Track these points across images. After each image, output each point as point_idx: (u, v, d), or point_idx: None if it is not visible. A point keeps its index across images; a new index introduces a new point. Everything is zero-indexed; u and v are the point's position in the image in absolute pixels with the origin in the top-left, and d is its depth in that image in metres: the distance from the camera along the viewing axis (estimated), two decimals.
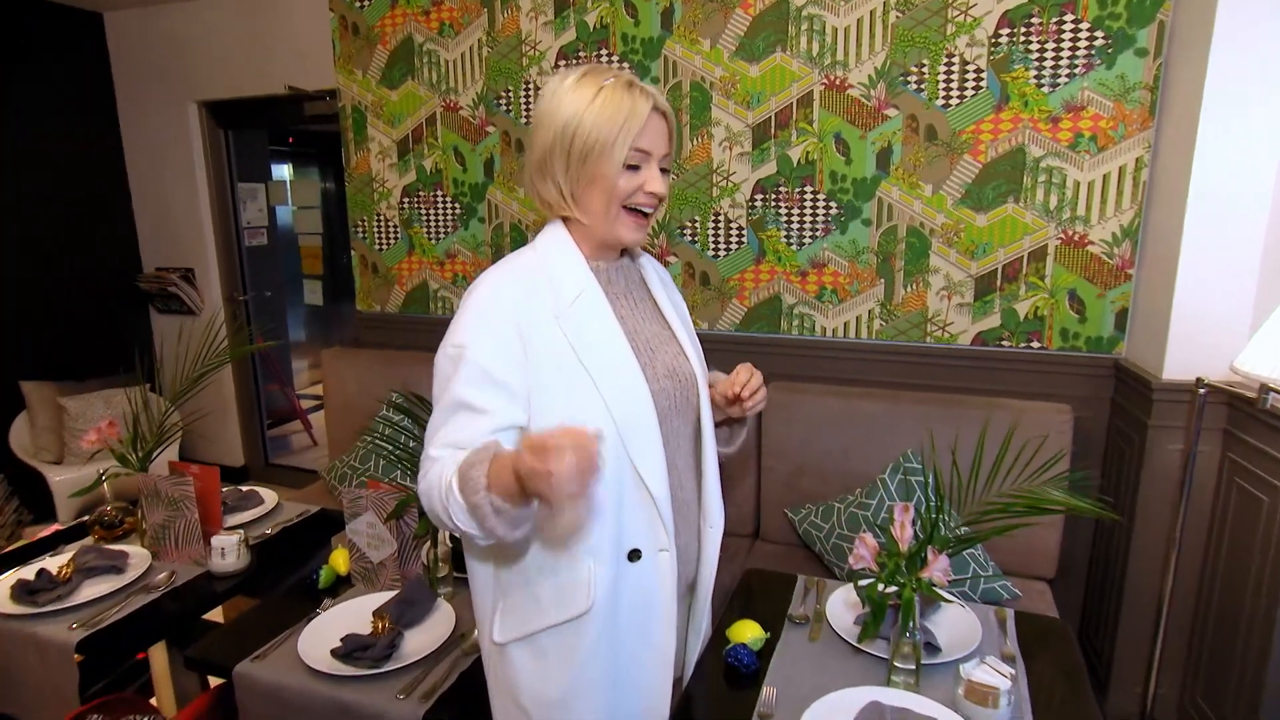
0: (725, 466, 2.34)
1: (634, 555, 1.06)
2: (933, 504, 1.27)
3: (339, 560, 1.65)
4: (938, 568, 1.09)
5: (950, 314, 2.30)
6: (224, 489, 2.01)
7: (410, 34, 2.79)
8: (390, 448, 1.72)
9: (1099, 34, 2.02)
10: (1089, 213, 2.12)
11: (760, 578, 1.60)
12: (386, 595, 1.52)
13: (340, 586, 1.64)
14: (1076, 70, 2.05)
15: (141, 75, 3.74)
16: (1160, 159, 2.01)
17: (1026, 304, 2.22)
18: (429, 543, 1.57)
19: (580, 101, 1.00)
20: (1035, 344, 2.24)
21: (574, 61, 2.57)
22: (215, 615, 1.92)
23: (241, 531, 1.68)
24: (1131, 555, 2.06)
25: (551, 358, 1.01)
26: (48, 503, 3.18)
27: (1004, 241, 2.20)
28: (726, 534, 2.39)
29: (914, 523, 1.14)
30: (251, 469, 4.20)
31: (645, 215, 1.06)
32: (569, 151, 1.02)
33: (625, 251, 1.18)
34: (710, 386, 1.20)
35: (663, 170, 1.06)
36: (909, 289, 2.33)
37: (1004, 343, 2.26)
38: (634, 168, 1.02)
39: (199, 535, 1.66)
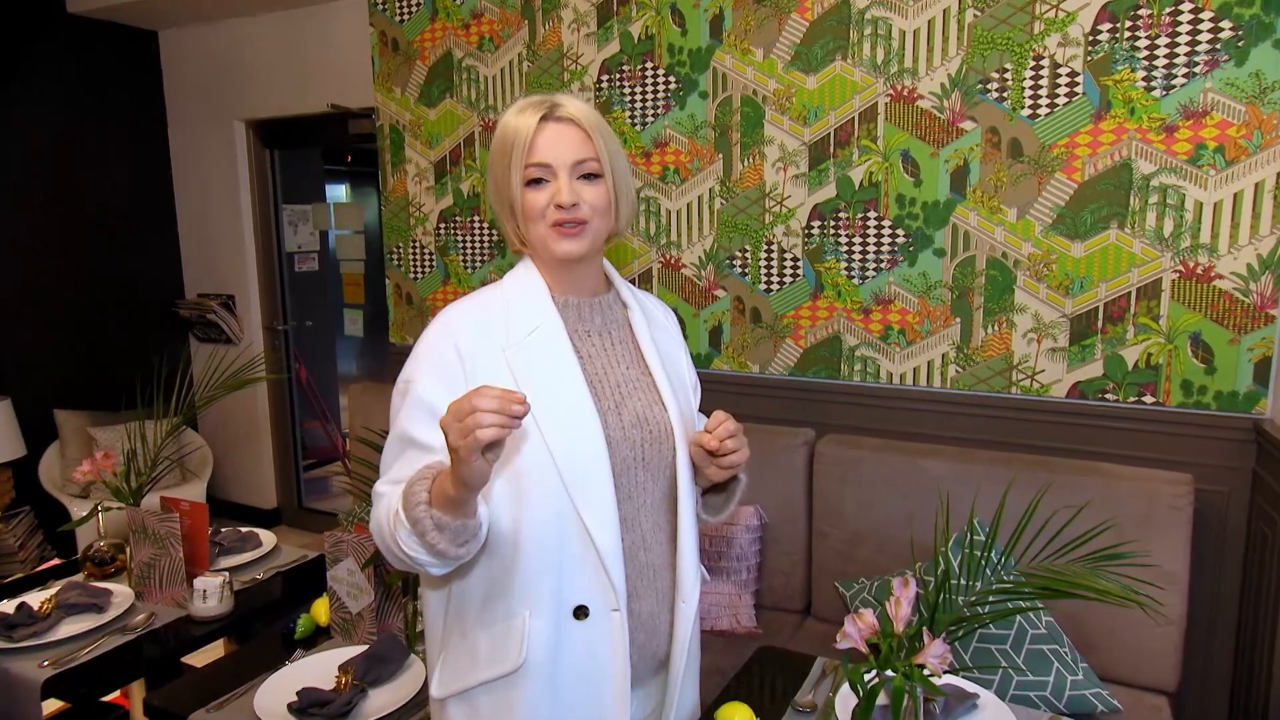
0: (768, 529, 2.35)
1: (581, 613, 1.12)
2: (955, 579, 1.25)
3: (319, 610, 1.78)
4: (933, 653, 1.09)
5: (1040, 360, 2.24)
6: (222, 530, 2.20)
7: (450, 49, 3.03)
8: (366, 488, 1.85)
9: (1225, 24, 1.96)
10: (1215, 240, 2.03)
11: (773, 657, 1.61)
12: (361, 649, 1.63)
13: (319, 638, 1.76)
14: (1197, 69, 2.00)
15: (192, 94, 4.20)
16: None
17: (1136, 350, 2.14)
18: (409, 596, 1.68)
19: (494, 137, 1.16)
20: (1148, 399, 2.14)
21: (617, 75, 2.71)
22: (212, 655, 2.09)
23: (226, 574, 1.84)
24: (1277, 666, 1.92)
25: None
26: (71, 538, 3.53)
27: (1106, 275, 2.14)
28: (772, 608, 2.40)
29: (914, 600, 1.14)
30: (284, 511, 4.50)
31: (573, 226, 1.13)
32: (493, 188, 1.17)
33: (610, 288, 1.26)
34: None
35: (590, 175, 1.14)
36: (990, 330, 2.29)
37: (1108, 396, 2.18)
38: (536, 182, 1.13)
39: (183, 576, 1.83)
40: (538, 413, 1.08)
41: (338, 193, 6.46)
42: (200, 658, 1.99)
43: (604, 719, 1.14)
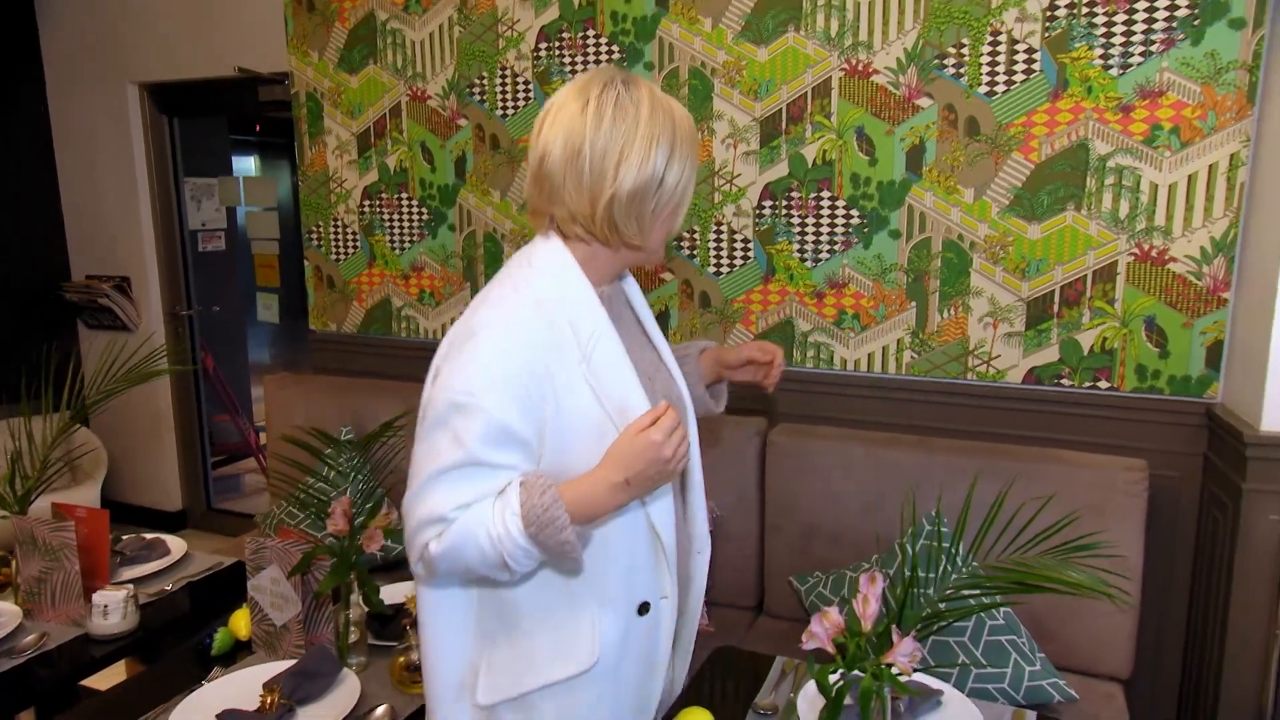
0: (719, 523, 2.36)
1: (644, 609, 1.22)
2: (922, 573, 1.27)
3: (239, 622, 1.72)
4: (902, 652, 1.10)
5: (996, 345, 2.30)
6: (124, 537, 2.10)
7: (372, 10, 2.93)
8: (304, 491, 1.79)
9: (1182, 2, 2.02)
10: (1170, 222, 2.11)
11: (731, 657, 1.62)
12: (288, 664, 1.57)
13: (240, 653, 1.70)
14: (1153, 48, 2.06)
15: (75, 52, 3.96)
16: (1262, 155, 2.00)
17: (1091, 334, 2.21)
18: (341, 605, 1.63)
19: (682, 149, 1.15)
20: (1103, 383, 2.22)
21: (556, 44, 2.67)
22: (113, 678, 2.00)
23: (130, 587, 1.76)
24: (1228, 651, 2.02)
25: (579, 410, 1.13)
26: None
27: (1062, 258, 2.20)
28: (724, 605, 2.42)
29: (881, 597, 1.15)
30: (191, 513, 4.34)
31: None
32: (659, 194, 1.14)
33: None
34: (708, 350, 1.49)
35: None
36: (946, 314, 2.34)
37: (1063, 381, 2.25)
38: None
39: (79, 590, 1.75)
40: (615, 416, 1.15)
41: (246, 165, 6.23)
42: (103, 680, 1.91)
43: (648, 700, 1.28)
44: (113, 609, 1.71)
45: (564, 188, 1.13)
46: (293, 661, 1.57)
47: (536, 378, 1.09)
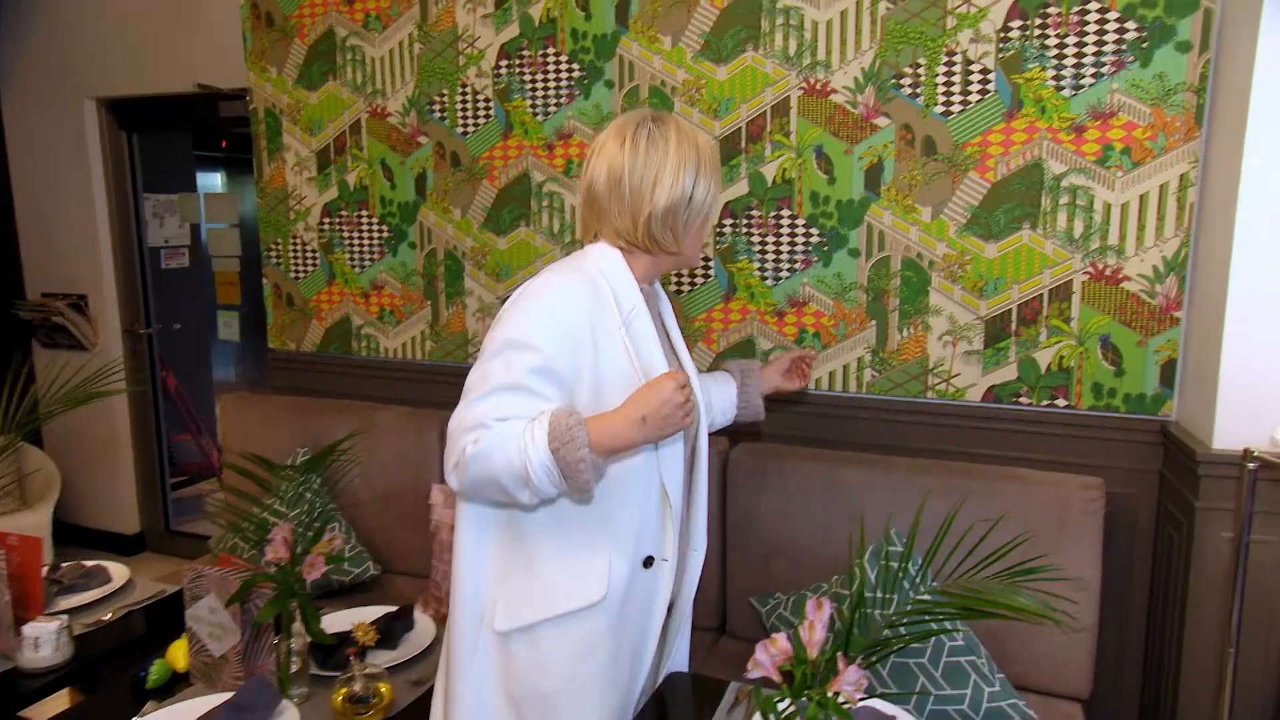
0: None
1: (648, 562, 1.40)
2: (872, 593, 1.25)
3: (177, 653, 1.65)
4: (847, 680, 1.07)
5: (956, 363, 2.29)
6: (63, 565, 2.03)
7: (332, 26, 2.90)
8: (247, 521, 1.74)
9: (1131, 25, 2.04)
10: (1123, 242, 2.12)
11: (682, 683, 1.58)
12: (225, 697, 1.51)
13: (178, 685, 1.64)
14: (1104, 69, 2.07)
15: (31, 67, 3.89)
16: (1210, 175, 2.01)
17: (1048, 352, 2.21)
18: (282, 635, 1.57)
19: (706, 171, 1.40)
20: (1060, 401, 2.22)
21: (517, 61, 2.65)
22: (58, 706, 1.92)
23: (64, 618, 1.69)
24: (1184, 670, 2.01)
25: (615, 365, 1.33)
26: None
27: (1019, 276, 2.20)
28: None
29: (829, 623, 1.12)
30: (149, 536, 4.24)
31: None
32: (689, 209, 1.39)
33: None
34: (764, 366, 1.88)
35: None
36: (906, 333, 2.33)
37: (1021, 399, 2.25)
38: None
39: (10, 621, 1.68)
40: (642, 376, 1.34)
41: (212, 181, 6.14)
42: (44, 710, 1.83)
43: (642, 658, 1.43)
44: (44, 641, 1.64)
45: (610, 209, 1.38)
46: (231, 694, 1.51)
47: (582, 330, 1.30)
